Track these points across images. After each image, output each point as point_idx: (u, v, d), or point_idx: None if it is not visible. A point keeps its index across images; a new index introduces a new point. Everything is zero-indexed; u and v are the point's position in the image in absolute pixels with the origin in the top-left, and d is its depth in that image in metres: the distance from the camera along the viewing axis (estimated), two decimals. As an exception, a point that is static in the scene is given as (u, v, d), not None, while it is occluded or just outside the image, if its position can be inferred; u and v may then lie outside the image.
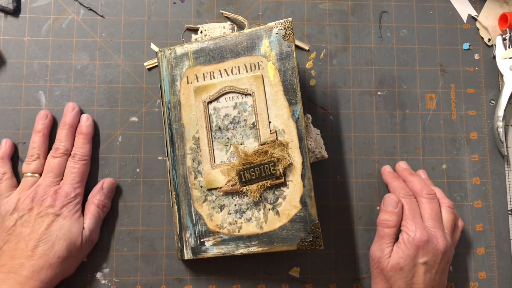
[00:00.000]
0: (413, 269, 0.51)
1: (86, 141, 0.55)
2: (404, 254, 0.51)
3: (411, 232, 0.51)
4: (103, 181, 0.56)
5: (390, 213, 0.53)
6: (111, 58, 0.59)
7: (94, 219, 0.54)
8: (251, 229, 0.52)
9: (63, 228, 0.51)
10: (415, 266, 0.51)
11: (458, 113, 0.61)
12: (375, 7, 0.62)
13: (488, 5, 0.62)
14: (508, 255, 0.59)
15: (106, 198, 0.55)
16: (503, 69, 0.60)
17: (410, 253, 0.51)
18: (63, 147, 0.55)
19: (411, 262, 0.51)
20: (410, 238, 0.51)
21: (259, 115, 0.52)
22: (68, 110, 0.56)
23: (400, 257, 0.51)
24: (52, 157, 0.54)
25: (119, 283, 0.56)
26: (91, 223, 0.54)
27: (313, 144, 0.58)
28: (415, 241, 0.51)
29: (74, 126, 0.56)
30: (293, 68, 0.52)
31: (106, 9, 0.60)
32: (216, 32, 0.59)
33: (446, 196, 0.56)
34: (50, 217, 0.51)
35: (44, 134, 0.55)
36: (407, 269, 0.51)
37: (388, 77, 0.61)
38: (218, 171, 0.53)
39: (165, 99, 0.55)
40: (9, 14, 0.59)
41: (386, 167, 0.58)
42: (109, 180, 0.56)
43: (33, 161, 0.54)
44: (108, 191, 0.56)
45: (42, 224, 0.51)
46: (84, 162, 0.55)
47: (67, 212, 0.52)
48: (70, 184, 0.53)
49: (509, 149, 0.60)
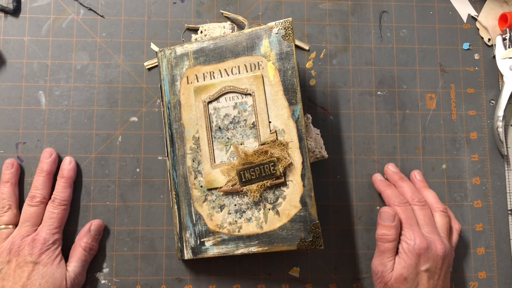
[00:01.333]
0: (417, 278, 0.51)
1: (67, 185, 0.55)
2: (406, 264, 0.51)
3: (410, 240, 0.52)
4: (91, 223, 0.55)
5: (388, 227, 0.53)
6: (111, 58, 0.59)
7: (81, 262, 0.53)
8: (251, 229, 0.52)
9: (45, 275, 0.50)
10: (418, 275, 0.51)
11: (458, 113, 0.61)
12: (375, 7, 0.62)
13: (488, 5, 0.62)
14: (508, 255, 0.59)
15: (94, 240, 0.55)
16: (503, 69, 0.60)
17: (412, 262, 0.51)
18: (40, 195, 0.54)
19: (414, 271, 0.51)
20: (410, 247, 0.51)
21: (259, 115, 0.52)
22: (45, 156, 0.55)
23: (403, 267, 0.51)
24: (28, 206, 0.53)
25: (119, 283, 0.56)
26: (77, 266, 0.53)
27: (313, 144, 0.58)
28: (415, 249, 0.51)
29: (51, 173, 0.55)
30: (293, 68, 0.52)
31: (106, 9, 0.60)
32: (216, 32, 0.59)
33: (439, 200, 0.56)
34: (30, 266, 0.50)
35: (12, 183, 0.55)
36: (410, 278, 0.51)
37: (388, 77, 0.61)
38: (218, 171, 0.53)
39: (165, 99, 0.55)
40: (9, 14, 0.59)
41: (377, 176, 0.59)
42: (97, 222, 0.55)
43: (5, 213, 0.53)
44: (96, 233, 0.55)
45: (22, 274, 0.50)
46: (63, 207, 0.54)
47: (47, 259, 0.51)
48: (48, 230, 0.52)
49: (509, 149, 0.60)
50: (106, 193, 0.57)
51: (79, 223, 0.56)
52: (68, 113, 0.58)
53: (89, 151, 0.58)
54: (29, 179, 0.57)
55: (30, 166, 0.57)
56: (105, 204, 0.57)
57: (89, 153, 0.58)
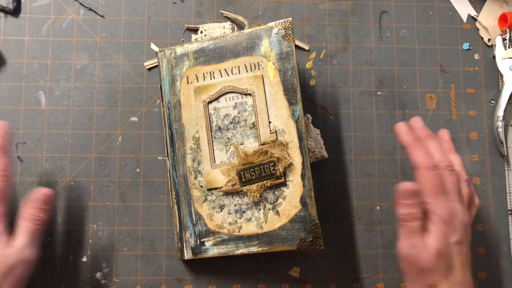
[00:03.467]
0: (449, 252, 0.47)
1: (1, 154, 0.50)
2: (438, 237, 0.46)
3: (439, 211, 0.47)
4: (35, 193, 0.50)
5: (412, 205, 0.47)
6: (111, 58, 0.59)
7: (27, 234, 0.49)
8: (251, 229, 0.52)
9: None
10: (449, 247, 0.47)
11: (458, 113, 0.61)
12: (375, 7, 0.62)
13: (488, 5, 0.62)
14: (508, 255, 0.59)
15: (39, 211, 0.50)
16: (503, 69, 0.60)
17: (443, 234, 0.47)
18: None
19: (445, 244, 0.46)
20: (438, 218, 0.47)
21: (259, 115, 0.52)
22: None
23: (437, 241, 0.46)
24: None
25: (119, 283, 0.56)
26: (23, 239, 0.48)
27: (313, 144, 0.58)
28: (445, 219, 0.47)
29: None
30: (293, 68, 0.52)
31: (106, 9, 0.60)
32: (216, 32, 0.59)
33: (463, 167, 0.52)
34: None
35: None
36: (444, 252, 0.46)
37: (388, 77, 0.61)
38: (218, 171, 0.53)
39: (165, 99, 0.55)
40: (9, 14, 0.59)
41: (401, 125, 0.52)
42: (41, 191, 0.50)
43: None
44: (40, 203, 0.50)
45: None
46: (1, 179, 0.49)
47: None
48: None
49: (509, 149, 0.60)
50: (106, 193, 0.57)
51: (79, 223, 0.56)
52: (68, 113, 0.58)
53: (89, 151, 0.58)
54: (29, 179, 0.57)
55: (30, 166, 0.57)
56: (105, 204, 0.57)
57: (89, 153, 0.58)
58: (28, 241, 0.49)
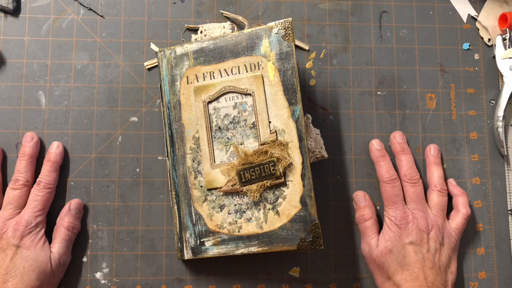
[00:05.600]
0: (403, 250, 0.52)
1: (53, 169, 0.55)
2: (389, 236, 0.53)
3: (392, 216, 0.54)
4: (70, 203, 0.55)
5: (362, 208, 0.56)
6: (111, 58, 0.59)
7: (64, 242, 0.53)
8: (251, 229, 0.52)
9: (28, 258, 0.50)
10: (403, 247, 0.52)
11: (458, 113, 0.61)
12: (375, 7, 0.62)
13: (488, 5, 0.62)
14: (508, 255, 0.59)
15: (75, 219, 0.55)
16: (503, 69, 0.60)
17: (394, 235, 0.53)
18: (23, 178, 0.54)
19: (398, 244, 0.52)
20: (392, 222, 0.54)
21: (259, 115, 0.52)
22: (27, 140, 0.55)
23: (386, 240, 0.53)
24: (11, 189, 0.54)
25: (119, 283, 0.56)
26: (61, 247, 0.53)
27: (313, 144, 0.58)
28: (396, 222, 0.53)
29: (34, 157, 0.55)
30: (293, 68, 0.52)
31: (106, 9, 0.60)
32: (216, 32, 0.59)
33: (442, 179, 0.57)
34: (13, 249, 0.50)
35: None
36: (396, 250, 0.52)
37: (388, 77, 0.61)
38: (218, 171, 0.53)
39: (165, 99, 0.55)
40: (9, 14, 0.59)
41: (374, 143, 0.58)
42: (76, 201, 0.56)
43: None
44: (76, 212, 0.55)
45: (5, 258, 0.50)
46: (48, 190, 0.54)
47: (29, 242, 0.51)
48: (31, 212, 0.52)
49: (509, 149, 0.60)
50: (106, 193, 0.57)
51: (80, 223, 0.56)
52: (68, 113, 0.58)
53: (89, 151, 0.58)
54: (29, 179, 0.57)
55: (30, 166, 0.57)
56: (105, 204, 0.57)
57: (89, 153, 0.58)
58: (65, 248, 0.53)
